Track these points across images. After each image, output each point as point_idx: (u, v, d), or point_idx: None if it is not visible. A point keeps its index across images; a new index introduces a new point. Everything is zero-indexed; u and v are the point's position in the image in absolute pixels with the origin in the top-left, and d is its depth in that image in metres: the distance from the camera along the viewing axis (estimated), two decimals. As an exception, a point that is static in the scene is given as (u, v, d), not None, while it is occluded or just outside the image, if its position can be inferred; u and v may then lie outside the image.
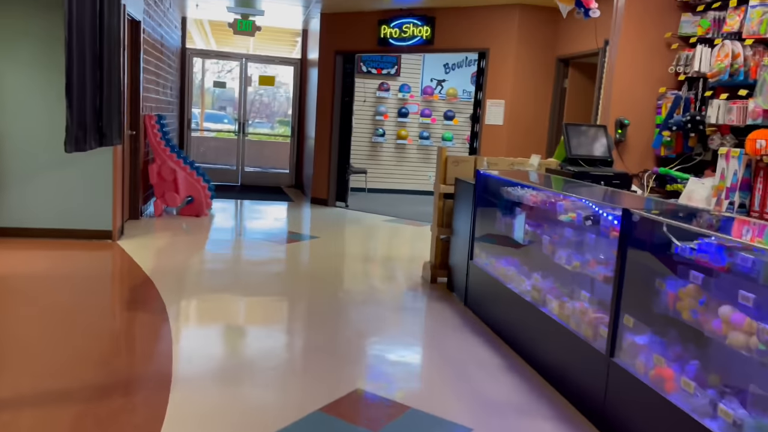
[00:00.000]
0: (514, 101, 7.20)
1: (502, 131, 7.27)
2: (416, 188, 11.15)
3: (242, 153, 10.72)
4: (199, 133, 12.77)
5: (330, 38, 8.69)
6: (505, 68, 7.19)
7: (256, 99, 27.92)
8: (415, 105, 10.93)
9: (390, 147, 10.97)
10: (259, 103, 26.83)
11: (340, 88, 8.80)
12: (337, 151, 8.95)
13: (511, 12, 7.08)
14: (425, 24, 7.70)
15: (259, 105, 26.93)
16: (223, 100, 30.51)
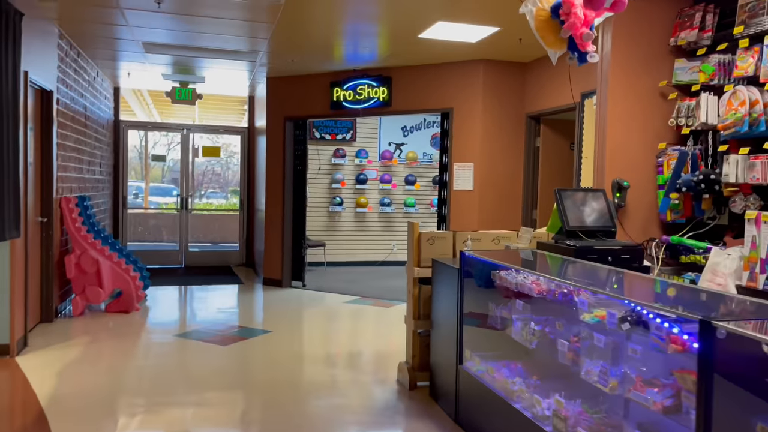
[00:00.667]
0: (484, 163, 6.54)
1: (473, 196, 6.56)
2: (379, 259, 10.30)
3: (185, 231, 9.71)
4: (143, 209, 11.73)
5: (278, 103, 7.96)
6: (472, 128, 6.56)
7: (209, 169, 26.95)
8: (374, 170, 10.24)
9: (349, 216, 10.17)
10: (212, 173, 25.87)
11: (291, 156, 8.02)
12: (291, 224, 8.07)
13: (475, 68, 6.52)
14: (381, 85, 7.07)
15: (212, 175, 25.96)
16: (176, 172, 29.40)
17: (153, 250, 9.70)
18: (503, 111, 6.58)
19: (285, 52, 6.46)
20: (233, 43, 6.15)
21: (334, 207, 9.95)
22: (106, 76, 8.35)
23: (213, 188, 24.77)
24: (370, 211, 10.18)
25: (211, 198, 23.15)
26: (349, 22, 5.29)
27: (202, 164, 27.19)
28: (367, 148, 10.15)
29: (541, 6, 3.14)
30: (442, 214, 6.89)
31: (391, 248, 10.36)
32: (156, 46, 6.34)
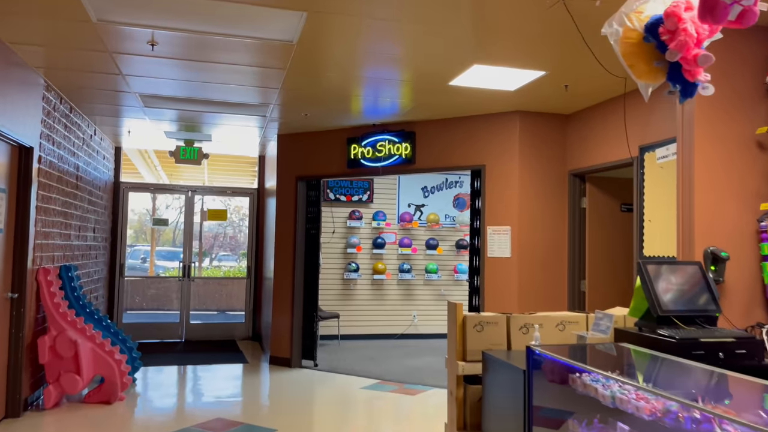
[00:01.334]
0: (523, 227, 5.72)
1: (511, 265, 5.70)
2: (398, 331, 9.36)
3: (187, 301, 8.87)
4: (142, 276, 10.98)
5: (289, 162, 7.29)
6: (507, 188, 5.79)
7: (220, 232, 26.37)
8: (392, 234, 9.45)
9: (365, 284, 9.31)
10: (223, 236, 25.31)
11: (303, 219, 7.27)
12: (301, 294, 7.22)
13: (510, 121, 5.81)
14: (404, 140, 6.38)
15: (223, 238, 25.40)
16: (194, 235, 28.67)
17: (151, 323, 8.85)
18: (543, 168, 5.82)
19: (297, 104, 5.81)
20: (241, 95, 5.52)
21: (349, 274, 9.12)
22: (106, 134, 7.77)
23: (225, 251, 24.13)
24: (389, 278, 9.33)
25: (223, 261, 22.45)
26: (369, 67, 4.63)
27: (213, 227, 26.58)
28: (385, 210, 9.41)
29: (630, 25, 2.41)
30: (475, 285, 6.02)
31: (412, 319, 9.43)
32: (155, 99, 5.73)
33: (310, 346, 7.24)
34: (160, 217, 9.18)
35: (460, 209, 9.74)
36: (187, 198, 9.00)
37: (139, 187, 8.86)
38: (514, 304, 5.66)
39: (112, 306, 8.52)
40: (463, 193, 9.76)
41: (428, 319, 9.47)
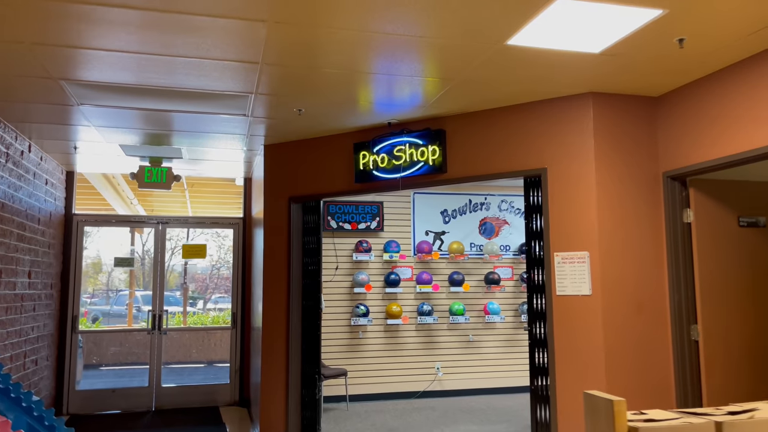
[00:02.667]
0: (607, 252, 4.09)
1: (593, 306, 4.05)
2: (419, 388, 7.62)
3: (157, 360, 7.14)
4: (105, 331, 9.27)
5: (280, 179, 5.69)
6: (581, 199, 4.18)
7: (215, 273, 24.54)
8: (408, 268, 7.80)
9: (377, 330, 7.62)
10: (217, 277, 23.52)
11: (299, 252, 5.63)
12: (298, 348, 5.54)
13: (581, 107, 4.25)
14: (430, 142, 4.80)
15: (218, 279, 23.57)
16: (188, 277, 26.87)
17: (113, 389, 7.11)
18: (629, 170, 4.23)
19: (287, 93, 4.25)
20: (210, 76, 3.95)
21: (357, 319, 7.43)
22: (50, 153, 6.19)
23: (220, 293, 22.27)
24: (405, 323, 7.64)
25: (220, 303, 20.59)
26: (381, 27, 3.07)
27: (207, 267, 24.70)
28: (399, 240, 7.78)
29: None
30: (537, 336, 4.35)
31: (435, 373, 7.70)
32: (89, 89, 4.15)
33: (312, 418, 5.51)
34: (124, 257, 7.51)
35: (488, 236, 8.13)
36: (157, 231, 7.37)
37: (96, 220, 7.23)
38: (600, 364, 3.98)
39: (60, 370, 6.80)
40: (491, 217, 8.16)
41: (455, 371, 7.75)
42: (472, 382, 7.76)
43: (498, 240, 8.11)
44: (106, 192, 8.74)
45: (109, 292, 22.88)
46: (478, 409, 6.92)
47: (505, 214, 8.21)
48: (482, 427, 6.07)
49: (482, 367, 7.83)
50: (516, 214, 8.24)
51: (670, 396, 4.08)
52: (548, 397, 4.19)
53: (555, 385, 4.13)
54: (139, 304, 20.11)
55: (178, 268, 23.84)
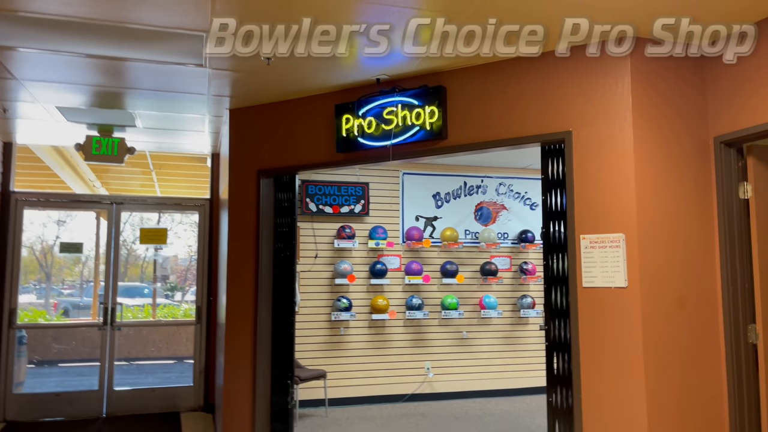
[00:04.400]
0: (648, 235, 3.31)
1: (630, 302, 3.27)
2: (407, 391, 6.82)
3: (109, 359, 6.25)
4: (53, 326, 8.36)
5: (247, 149, 4.83)
6: (615, 168, 3.39)
7: (194, 263, 23.54)
8: (396, 257, 6.99)
9: (361, 327, 6.80)
10: (196, 268, 22.50)
11: (269, 236, 4.78)
12: (268, 347, 4.71)
13: (614, 59, 3.44)
14: (427, 102, 3.97)
15: (196, 269, 22.57)
16: (166, 267, 25.80)
17: (58, 393, 6.22)
18: (673, 134, 3.44)
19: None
20: (152, 1, 3.08)
21: (338, 314, 6.60)
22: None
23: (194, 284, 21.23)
24: (392, 318, 6.83)
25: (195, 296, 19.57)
26: None
27: (186, 258, 23.71)
28: (386, 225, 6.96)
29: None
30: (557, 338, 3.55)
31: (425, 373, 6.91)
32: (14, 24, 3.25)
33: (284, 430, 4.68)
34: (71, 242, 6.58)
35: (484, 223, 7.34)
36: (111, 213, 6.46)
37: (39, 201, 6.30)
38: (638, 373, 3.20)
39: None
40: (488, 202, 7.37)
41: (447, 372, 6.97)
42: (466, 384, 6.99)
43: (495, 227, 7.33)
44: (62, 171, 7.79)
45: (84, 284, 21.76)
46: (473, 416, 6.15)
47: (503, 199, 7.42)
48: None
49: (477, 368, 7.05)
50: (515, 199, 7.45)
51: (721, 413, 3.32)
52: (571, 413, 3.41)
53: (580, 398, 3.35)
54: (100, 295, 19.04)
55: (156, 258, 22.78)
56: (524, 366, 7.17)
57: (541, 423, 5.78)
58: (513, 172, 7.43)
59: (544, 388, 7.09)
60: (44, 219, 20.77)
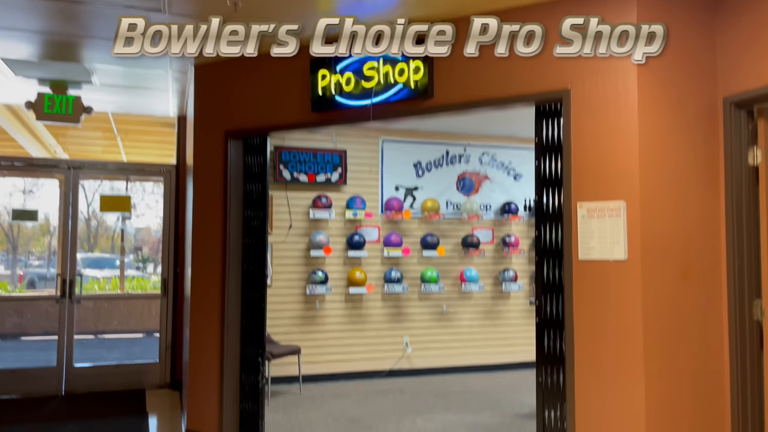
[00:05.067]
0: (651, 203, 3.04)
1: (630, 275, 3.01)
2: (385, 366, 6.59)
3: (68, 334, 5.87)
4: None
5: (214, 108, 4.43)
6: (616, 130, 3.10)
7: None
8: (375, 229, 6.68)
9: (337, 301, 6.51)
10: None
11: (238, 203, 4.42)
12: (237, 322, 4.39)
13: (619, 1, 3.12)
14: (412, 57, 3.62)
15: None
16: (138, 239, 25.02)
17: (12, 369, 5.84)
18: (679, 93, 3.15)
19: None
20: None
21: (313, 287, 6.29)
22: None
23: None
24: (370, 292, 6.55)
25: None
26: None
27: (158, 230, 23.13)
28: (364, 195, 6.62)
29: None
30: (549, 315, 3.29)
31: (404, 349, 6.68)
32: None
33: (253, 410, 4.39)
34: (24, 209, 6.12)
35: (467, 193, 7.06)
36: (68, 179, 6.00)
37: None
38: (636, 352, 2.96)
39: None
40: (470, 172, 7.07)
41: (426, 347, 6.74)
42: (446, 360, 6.78)
43: (478, 198, 7.05)
44: (19, 135, 7.25)
45: (52, 255, 21.11)
46: (453, 392, 5.94)
47: (486, 169, 7.13)
48: (461, 416, 5.08)
49: (457, 343, 6.84)
50: (499, 169, 7.17)
51: (723, 393, 3.11)
52: (563, 394, 3.17)
53: (573, 379, 3.11)
54: (78, 267, 18.50)
55: (129, 229, 22.12)
56: (506, 341, 6.98)
57: (523, 400, 5.60)
58: (497, 141, 7.13)
59: (526, 364, 6.98)
60: (10, 188, 19.92)
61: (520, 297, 7.09)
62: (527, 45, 3.17)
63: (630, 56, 3.03)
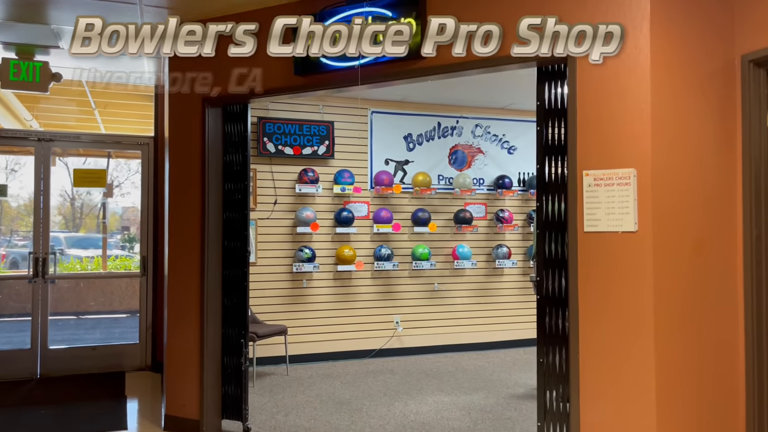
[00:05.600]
0: (664, 170, 2.80)
1: (640, 249, 2.78)
2: (375, 346, 6.39)
3: (42, 315, 5.59)
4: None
5: (191, 73, 4.12)
6: (627, 92, 2.84)
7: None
8: (364, 204, 6.42)
9: (325, 279, 6.27)
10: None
11: (218, 175, 4.14)
12: (218, 304, 4.13)
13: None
14: (404, 13, 3.33)
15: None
16: (125, 219, 24.58)
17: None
18: (695, 51, 2.90)
19: None
20: None
21: (300, 265, 6.04)
22: None
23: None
24: (359, 269, 6.32)
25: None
26: None
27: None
28: (353, 169, 6.35)
29: None
30: (551, 292, 3.07)
31: (394, 328, 6.47)
32: None
33: (236, 394, 4.16)
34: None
35: (459, 167, 6.80)
36: (38, 153, 5.67)
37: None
38: (647, 331, 2.75)
39: None
40: (463, 145, 6.81)
41: (417, 326, 6.54)
42: (437, 338, 6.59)
43: (471, 172, 6.80)
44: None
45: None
46: (445, 372, 5.75)
47: (479, 142, 6.87)
48: (455, 397, 4.89)
49: (449, 321, 6.64)
50: (493, 142, 6.91)
51: (737, 377, 2.91)
52: (566, 376, 2.96)
53: (578, 359, 2.89)
54: (62, 246, 18.08)
55: (116, 209, 21.65)
56: (499, 319, 6.79)
57: (518, 379, 5.42)
58: (490, 113, 6.86)
59: (519, 342, 6.81)
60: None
61: (514, 274, 6.89)
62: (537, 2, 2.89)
63: (639, 11, 2.77)
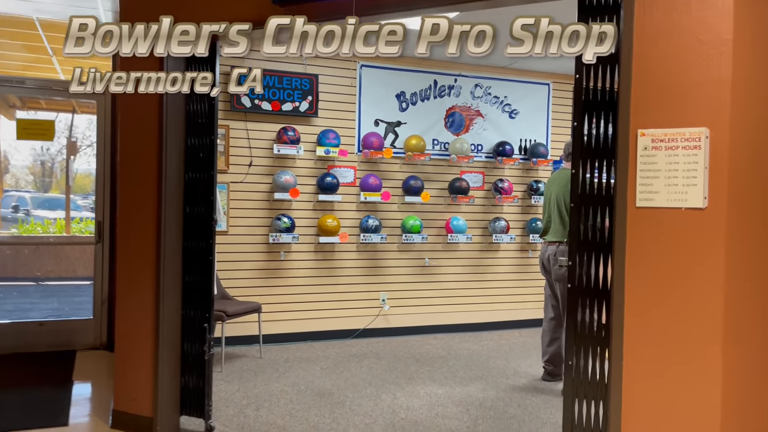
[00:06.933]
0: (746, 132, 2.19)
1: (710, 230, 2.19)
2: (359, 325, 5.82)
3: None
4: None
5: (149, 6, 3.38)
6: (699, 28, 2.21)
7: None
8: (350, 169, 5.76)
9: (305, 251, 5.64)
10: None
11: (178, 128, 3.44)
12: (177, 281, 3.48)
13: None
14: (412, -74, 2.63)
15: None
16: None
17: None
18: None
19: None
20: None
21: (277, 235, 5.40)
22: None
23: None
24: (344, 242, 5.69)
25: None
26: None
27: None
28: (338, 130, 5.67)
29: None
30: (590, 281, 2.47)
31: (380, 306, 5.90)
32: None
33: (198, 387, 3.54)
34: None
35: (456, 131, 6.16)
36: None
37: None
38: (716, 331, 2.18)
39: None
40: (461, 106, 6.15)
41: (405, 305, 5.97)
42: (427, 318, 6.04)
43: (468, 137, 6.17)
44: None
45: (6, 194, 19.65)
46: (437, 357, 5.21)
47: (479, 103, 6.22)
48: (449, 389, 4.34)
49: (440, 300, 6.09)
50: (493, 104, 6.26)
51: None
52: (605, 386, 2.39)
53: (621, 366, 2.32)
54: (27, 207, 17.11)
55: (90, 169, 20.66)
56: (494, 298, 6.26)
57: (516, 367, 4.90)
58: (492, 71, 6.19)
59: (515, 323, 6.26)
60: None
61: (512, 249, 6.33)
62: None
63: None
